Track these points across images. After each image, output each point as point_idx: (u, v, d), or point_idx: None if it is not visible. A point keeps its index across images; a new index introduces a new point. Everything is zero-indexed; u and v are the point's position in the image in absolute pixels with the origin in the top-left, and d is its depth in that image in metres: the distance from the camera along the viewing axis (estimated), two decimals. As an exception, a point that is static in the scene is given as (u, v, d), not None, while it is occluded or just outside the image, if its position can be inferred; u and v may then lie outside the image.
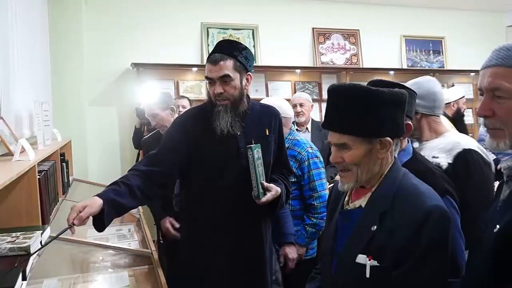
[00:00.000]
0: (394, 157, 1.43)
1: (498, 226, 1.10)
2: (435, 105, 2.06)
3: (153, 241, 2.68)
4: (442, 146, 1.97)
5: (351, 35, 5.54)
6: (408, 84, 2.06)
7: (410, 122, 1.68)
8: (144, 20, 4.89)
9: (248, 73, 2.10)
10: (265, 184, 2.02)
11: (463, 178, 1.78)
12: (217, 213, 2.05)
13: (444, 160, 1.88)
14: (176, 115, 3.10)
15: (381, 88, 1.35)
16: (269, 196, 2.01)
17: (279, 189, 2.07)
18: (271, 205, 2.07)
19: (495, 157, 2.77)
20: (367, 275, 1.30)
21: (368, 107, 1.32)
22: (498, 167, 1.22)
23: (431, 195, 1.33)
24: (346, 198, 1.48)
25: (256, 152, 2.01)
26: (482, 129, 3.99)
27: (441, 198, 1.47)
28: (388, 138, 1.35)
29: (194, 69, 4.99)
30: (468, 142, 1.96)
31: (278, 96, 4.07)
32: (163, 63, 4.79)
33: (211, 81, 2.04)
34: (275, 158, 2.20)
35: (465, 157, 1.88)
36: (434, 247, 1.26)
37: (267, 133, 2.16)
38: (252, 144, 2.02)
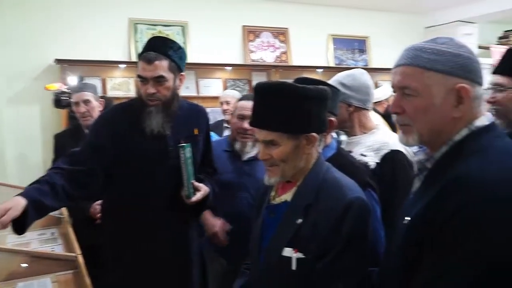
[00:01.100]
0: (318, 152, 1.47)
1: (407, 218, 1.15)
2: (368, 99, 2.12)
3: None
4: (370, 144, 2.03)
5: (281, 33, 5.62)
6: (341, 76, 2.11)
7: (333, 119, 1.73)
8: (68, 14, 4.66)
9: (181, 73, 2.06)
10: (196, 183, 2.01)
11: (389, 179, 1.85)
12: (144, 215, 2.00)
13: (372, 160, 1.95)
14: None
15: (307, 86, 1.39)
16: (199, 195, 2.00)
17: (207, 189, 2.06)
18: (199, 205, 2.06)
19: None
20: (293, 268, 1.33)
21: (295, 104, 1.35)
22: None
23: (352, 188, 1.38)
24: (273, 193, 1.51)
25: (188, 151, 1.98)
26: None
27: (363, 191, 1.53)
28: (314, 134, 1.38)
29: (122, 66, 4.84)
30: (395, 142, 2.00)
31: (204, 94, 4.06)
32: (88, 59, 4.59)
33: (143, 80, 1.97)
34: (202, 157, 2.19)
35: (392, 158, 1.95)
36: (355, 237, 1.31)
37: (196, 133, 2.14)
38: (181, 143, 1.99)
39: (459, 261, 0.99)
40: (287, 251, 1.34)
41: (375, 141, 2.03)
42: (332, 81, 2.10)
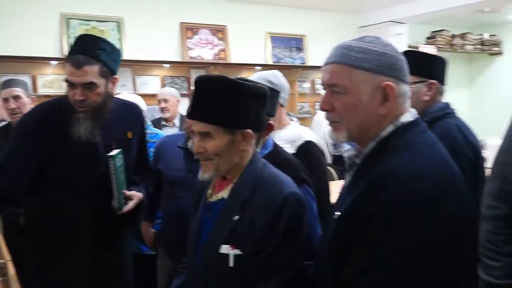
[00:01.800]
0: (255, 149, 1.48)
1: (337, 213, 1.19)
2: (287, 98, 2.22)
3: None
4: (286, 137, 2.12)
5: (219, 31, 5.62)
6: (266, 75, 2.16)
7: (272, 122, 1.76)
8: (-7, 8, 4.42)
9: (115, 76, 1.92)
10: (127, 192, 1.92)
11: (305, 167, 1.88)
12: (73, 226, 1.88)
13: (289, 151, 2.01)
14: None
15: (247, 82, 1.41)
16: (131, 205, 1.91)
17: (141, 195, 1.97)
18: (132, 212, 1.95)
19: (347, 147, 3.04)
20: (231, 264, 1.34)
21: (233, 99, 1.36)
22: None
23: (287, 183, 1.41)
24: (210, 191, 1.51)
25: (118, 160, 1.86)
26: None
27: (299, 186, 1.57)
28: (250, 131, 1.39)
29: (54, 62, 4.64)
30: (308, 134, 2.15)
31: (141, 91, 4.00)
32: (17, 55, 4.36)
33: (71, 85, 1.81)
34: (137, 159, 2.10)
35: (306, 148, 2.07)
36: (290, 232, 1.33)
37: (130, 137, 2.03)
38: (113, 150, 1.86)
39: (385, 254, 1.03)
40: (224, 248, 1.35)
41: (290, 134, 2.14)
42: (258, 78, 2.14)
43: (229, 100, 1.35)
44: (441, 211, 1.05)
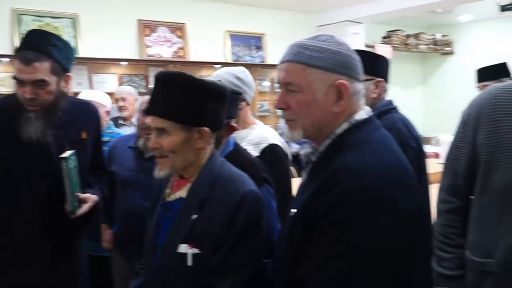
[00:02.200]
0: (213, 148, 1.48)
1: (293, 210, 1.20)
2: (253, 95, 2.21)
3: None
4: (250, 138, 2.12)
5: (178, 29, 5.55)
6: (235, 71, 2.16)
7: (234, 124, 1.76)
8: None
9: (67, 74, 1.84)
10: (81, 195, 1.85)
11: (269, 170, 1.88)
12: (24, 231, 1.80)
13: (252, 153, 2.01)
14: None
15: (206, 80, 1.41)
16: (85, 208, 1.84)
17: (95, 197, 1.91)
18: (87, 215, 1.88)
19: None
20: (189, 264, 1.33)
21: (192, 96, 1.36)
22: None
23: (245, 181, 1.42)
24: (168, 190, 1.49)
25: (71, 161, 1.79)
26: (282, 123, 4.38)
27: (260, 186, 1.58)
28: (206, 129, 1.39)
29: (4, 60, 4.46)
30: (273, 136, 2.14)
31: (98, 90, 3.92)
32: (-35, 52, 4.18)
33: (20, 82, 1.72)
34: (92, 160, 2.03)
35: (270, 151, 2.07)
36: (248, 230, 1.34)
37: (84, 137, 1.96)
38: (66, 151, 1.79)
39: (339, 250, 1.05)
40: (183, 248, 1.34)
41: (255, 135, 2.13)
42: (227, 73, 2.14)
43: (186, 97, 1.35)
44: (394, 207, 1.06)
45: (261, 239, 1.39)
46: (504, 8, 5.61)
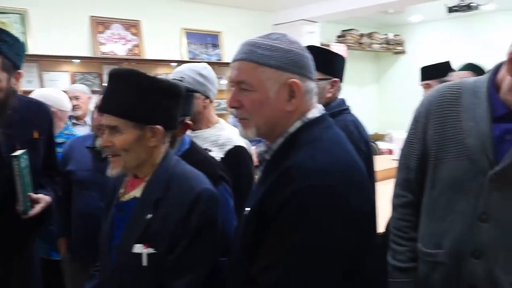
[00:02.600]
0: (168, 147, 1.47)
1: (247, 209, 1.20)
2: (215, 92, 2.19)
3: None
4: (214, 139, 2.09)
5: (132, 26, 5.45)
6: (197, 67, 2.15)
7: (189, 122, 1.74)
8: None
9: (18, 71, 1.78)
10: (33, 195, 1.79)
11: (234, 173, 1.89)
12: None
13: (216, 155, 2.00)
14: None
15: (158, 77, 1.40)
16: (37, 209, 1.78)
17: (48, 198, 1.85)
18: (40, 216, 1.82)
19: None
20: (144, 264, 1.32)
21: (143, 93, 1.34)
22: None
23: (200, 180, 1.41)
24: (122, 190, 1.47)
25: (23, 160, 1.73)
26: (231, 119, 4.37)
27: (218, 184, 1.57)
28: (159, 127, 1.38)
29: None
30: (239, 138, 2.10)
31: (55, 88, 3.79)
32: None
33: None
34: (44, 160, 1.97)
35: (236, 154, 2.04)
36: (203, 228, 1.35)
37: (36, 136, 1.90)
38: (17, 150, 1.73)
39: (291, 249, 1.05)
40: (138, 248, 1.33)
41: (220, 136, 2.10)
42: (189, 70, 2.12)
43: (139, 95, 1.34)
44: (347, 205, 1.07)
45: (216, 238, 1.39)
46: (451, 10, 5.82)
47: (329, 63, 2.05)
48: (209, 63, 2.30)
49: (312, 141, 1.15)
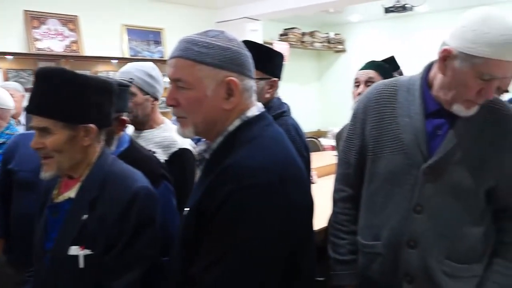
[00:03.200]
0: (103, 145, 1.44)
1: (186, 209, 1.19)
2: (162, 91, 2.16)
3: None
4: (159, 141, 2.05)
5: (70, 21, 5.25)
6: (146, 67, 2.10)
7: (125, 118, 1.70)
8: None
9: None
10: None
11: (178, 176, 1.87)
12: None
13: (160, 157, 1.97)
14: None
15: (87, 74, 1.36)
16: None
17: None
18: None
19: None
20: (81, 266, 1.29)
21: (73, 92, 1.31)
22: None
23: (137, 178, 1.40)
24: (55, 191, 1.43)
25: None
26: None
27: (158, 183, 1.55)
28: (93, 125, 1.35)
29: None
30: (184, 140, 2.07)
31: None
32: None
33: None
34: None
35: (180, 157, 2.02)
36: (142, 226, 1.33)
37: None
38: None
39: (231, 247, 1.05)
40: (74, 249, 1.29)
41: (165, 138, 2.06)
42: (138, 71, 2.08)
43: (68, 93, 1.30)
44: (286, 202, 1.08)
45: (155, 236, 1.38)
46: (388, 10, 6.03)
47: (269, 62, 1.97)
48: (152, 61, 2.27)
49: (251, 140, 1.14)
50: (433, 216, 1.37)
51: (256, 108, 1.22)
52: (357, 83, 2.36)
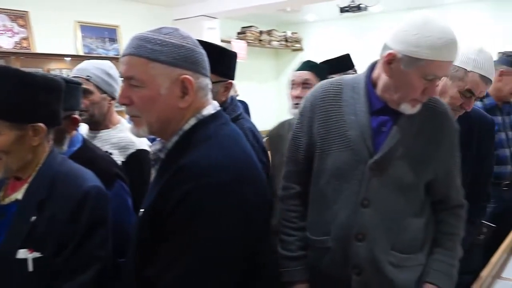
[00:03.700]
0: (52, 145, 1.41)
1: (141, 210, 1.18)
2: (119, 91, 2.10)
3: None
4: (115, 141, 2.00)
5: (20, 17, 5.06)
6: (105, 66, 2.05)
7: (76, 116, 1.67)
8: None
9: None
10: None
11: (136, 178, 1.83)
12: None
13: (117, 158, 1.93)
14: None
15: (34, 72, 1.32)
16: None
17: None
18: None
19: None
20: (30, 269, 1.25)
21: (19, 91, 1.27)
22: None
23: (87, 178, 1.37)
24: (1, 193, 1.38)
25: None
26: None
27: (113, 182, 1.52)
28: (41, 125, 1.31)
29: None
30: (141, 141, 2.04)
31: None
32: None
33: None
34: None
35: (138, 158, 1.98)
36: (94, 226, 1.30)
37: None
38: None
39: (189, 247, 1.04)
40: (22, 253, 1.25)
41: (121, 138, 2.02)
42: (96, 69, 2.03)
43: (13, 92, 1.26)
44: (242, 201, 1.08)
45: (108, 236, 1.35)
46: (343, 10, 6.14)
47: (224, 64, 1.91)
48: (107, 58, 2.23)
49: (207, 139, 1.14)
50: (380, 210, 1.42)
51: (212, 107, 1.22)
52: (293, 85, 2.30)
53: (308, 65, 2.32)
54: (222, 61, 1.87)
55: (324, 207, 1.50)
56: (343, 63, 2.75)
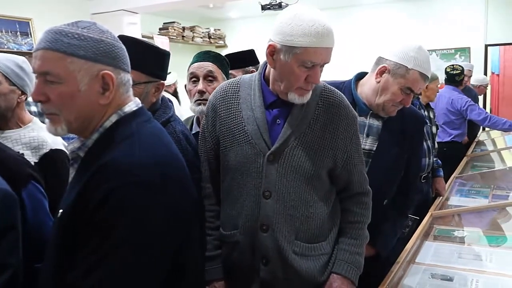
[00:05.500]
0: None
1: (60, 211, 1.14)
2: (32, 89, 2.00)
3: None
4: (26, 141, 1.90)
5: None
6: (18, 60, 1.95)
7: None
8: None
9: None
10: None
11: (51, 180, 1.75)
12: None
13: (29, 159, 1.82)
14: None
15: None
16: None
17: None
18: None
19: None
20: None
21: None
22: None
23: None
24: None
25: None
26: None
27: (27, 183, 1.45)
28: None
29: None
30: (55, 140, 1.95)
31: None
32: None
33: None
34: None
35: (52, 158, 1.89)
36: (1, 230, 1.22)
37: None
38: None
39: (112, 248, 1.01)
40: None
41: (33, 138, 1.92)
42: (6, 60, 1.92)
43: None
44: (166, 200, 1.07)
45: (18, 241, 1.27)
46: (264, 8, 6.22)
47: (158, 65, 1.77)
48: (20, 53, 2.11)
49: (129, 136, 1.12)
50: (281, 200, 1.47)
51: (133, 103, 1.20)
52: (193, 78, 1.99)
53: (210, 56, 2.05)
54: (154, 61, 1.75)
55: (232, 202, 1.54)
56: (246, 58, 2.73)
